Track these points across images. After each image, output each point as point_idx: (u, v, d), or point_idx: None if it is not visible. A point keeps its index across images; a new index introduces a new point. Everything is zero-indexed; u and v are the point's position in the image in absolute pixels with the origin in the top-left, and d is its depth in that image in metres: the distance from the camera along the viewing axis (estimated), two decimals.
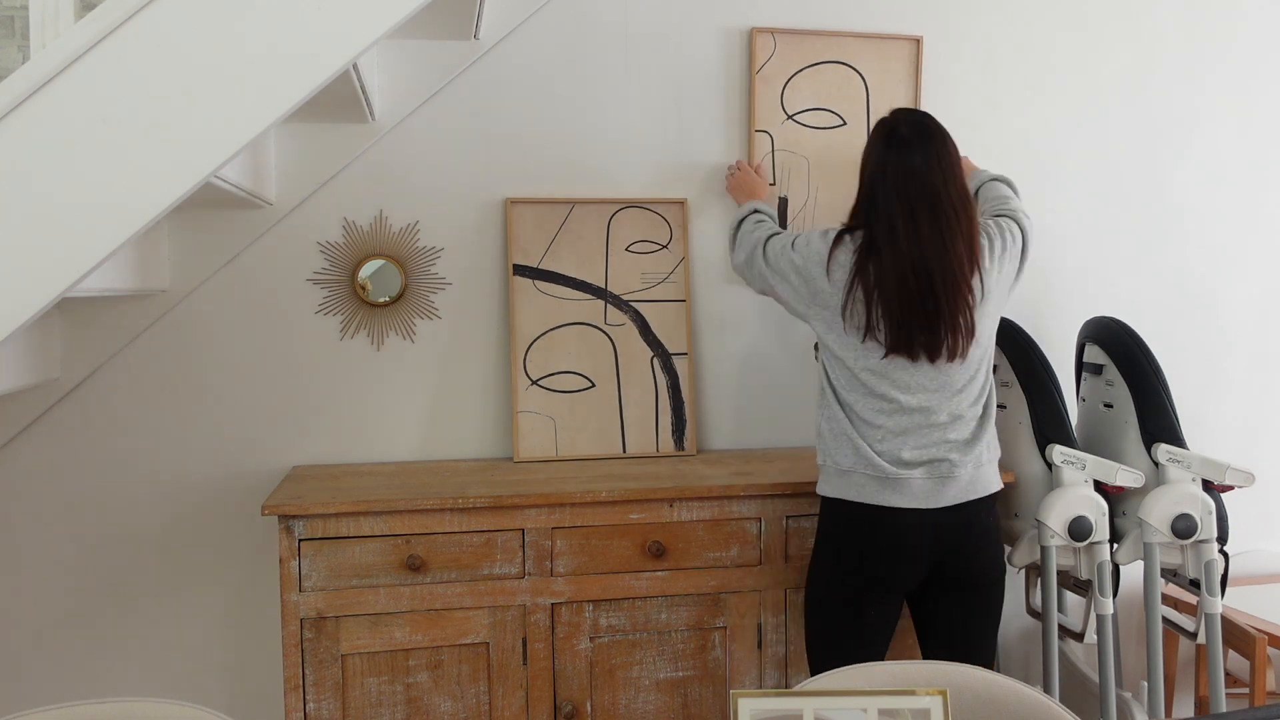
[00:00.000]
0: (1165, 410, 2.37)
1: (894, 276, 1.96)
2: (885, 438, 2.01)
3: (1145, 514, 2.31)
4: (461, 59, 2.53)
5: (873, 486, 2.02)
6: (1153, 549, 2.32)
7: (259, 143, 2.28)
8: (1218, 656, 2.32)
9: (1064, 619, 2.54)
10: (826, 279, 2.05)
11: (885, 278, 1.97)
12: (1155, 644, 2.34)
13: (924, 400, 2.01)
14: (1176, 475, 2.32)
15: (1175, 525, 2.29)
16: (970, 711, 1.45)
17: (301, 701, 2.08)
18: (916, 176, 1.99)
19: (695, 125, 2.68)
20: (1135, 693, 2.44)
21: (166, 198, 1.46)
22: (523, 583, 2.16)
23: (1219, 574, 2.33)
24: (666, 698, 2.24)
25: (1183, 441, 2.37)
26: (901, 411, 2.01)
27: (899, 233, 1.97)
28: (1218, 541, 2.33)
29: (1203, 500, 2.30)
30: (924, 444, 2.01)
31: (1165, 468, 2.33)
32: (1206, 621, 2.33)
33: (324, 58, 1.50)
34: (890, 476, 2.00)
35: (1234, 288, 3.05)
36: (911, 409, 2.01)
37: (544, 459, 2.53)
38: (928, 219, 1.97)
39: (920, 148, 2.01)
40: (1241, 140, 3.03)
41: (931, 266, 1.96)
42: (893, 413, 2.01)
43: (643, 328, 2.62)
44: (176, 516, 2.45)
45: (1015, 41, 2.85)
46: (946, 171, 2.01)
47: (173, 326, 2.43)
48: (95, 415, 2.40)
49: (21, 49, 3.20)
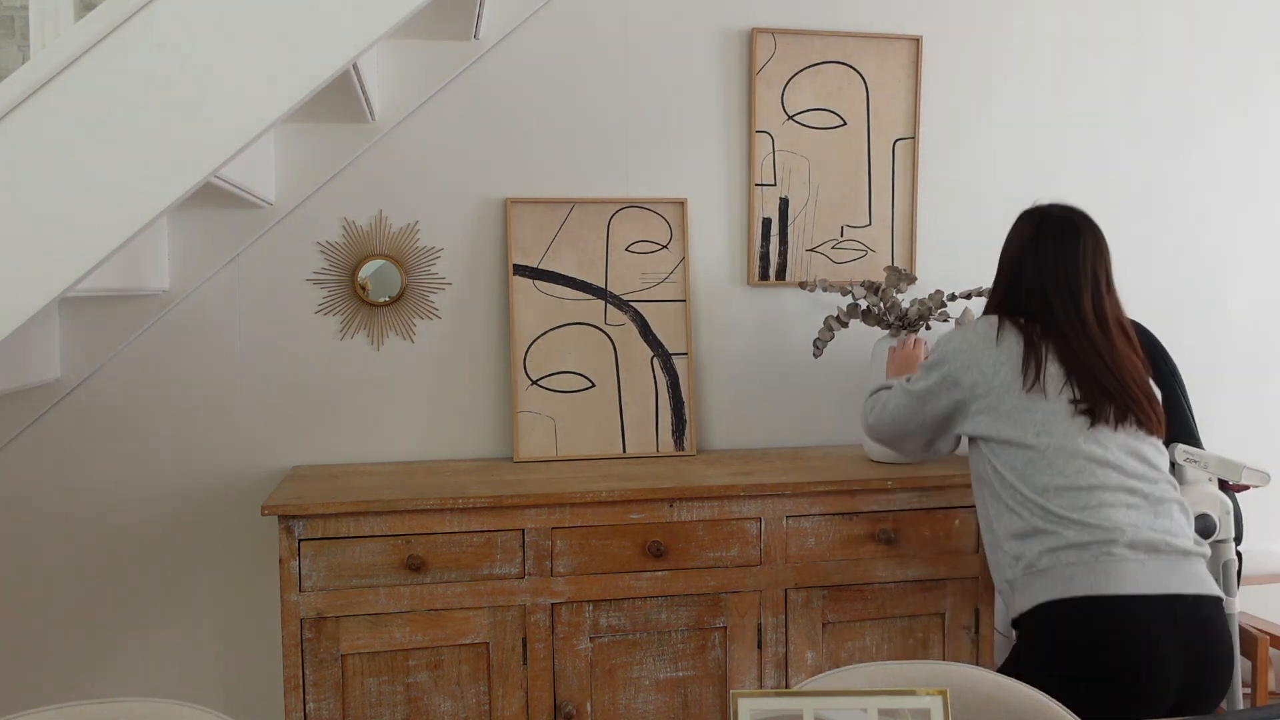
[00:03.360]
0: (1182, 410, 2.37)
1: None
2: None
3: None
4: (461, 59, 2.53)
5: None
6: None
7: (259, 143, 2.28)
8: (1236, 658, 2.32)
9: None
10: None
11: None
12: None
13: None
14: (1194, 475, 2.32)
15: (1194, 526, 2.29)
16: (970, 711, 1.45)
17: (301, 701, 2.08)
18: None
19: (695, 125, 2.68)
20: None
21: (166, 198, 1.46)
22: (523, 583, 2.16)
23: (1236, 574, 2.33)
24: (666, 698, 2.24)
25: (1199, 441, 2.36)
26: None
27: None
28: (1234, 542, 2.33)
29: (1221, 500, 2.30)
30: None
31: (1182, 468, 2.33)
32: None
33: (324, 58, 1.50)
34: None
35: (1234, 287, 3.05)
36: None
37: (544, 459, 2.53)
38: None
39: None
40: (1242, 140, 3.03)
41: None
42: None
43: (643, 328, 2.62)
44: (176, 516, 2.45)
45: (1015, 41, 2.85)
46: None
47: (173, 326, 2.43)
48: (95, 415, 2.40)
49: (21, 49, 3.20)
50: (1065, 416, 1.82)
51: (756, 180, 2.70)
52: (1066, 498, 1.79)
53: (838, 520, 2.30)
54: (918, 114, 2.77)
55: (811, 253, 2.74)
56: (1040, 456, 1.81)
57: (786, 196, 2.72)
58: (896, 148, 2.78)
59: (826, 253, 2.74)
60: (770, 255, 2.72)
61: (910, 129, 2.78)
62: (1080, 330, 1.87)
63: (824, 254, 2.74)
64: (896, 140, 2.77)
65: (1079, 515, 1.77)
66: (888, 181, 2.77)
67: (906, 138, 2.78)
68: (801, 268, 2.73)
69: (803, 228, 2.73)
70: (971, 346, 1.92)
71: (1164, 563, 1.76)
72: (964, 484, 2.34)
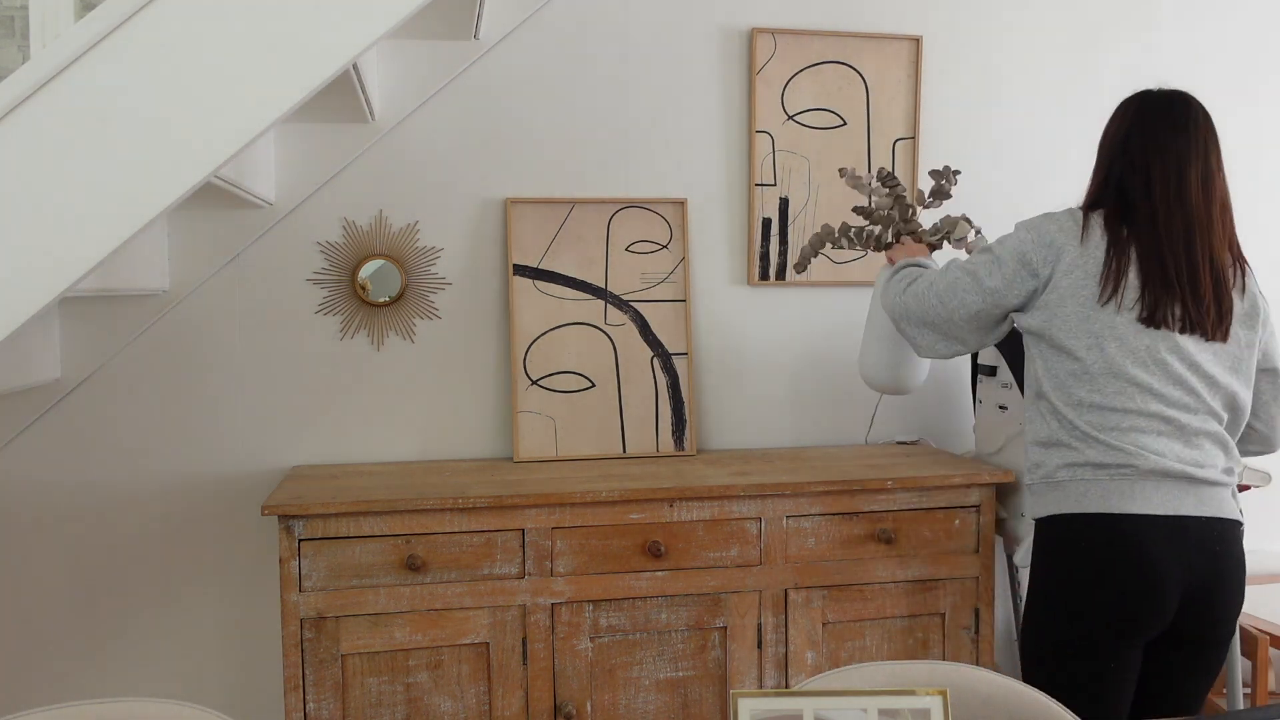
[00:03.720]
0: None
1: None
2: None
3: None
4: (461, 59, 2.53)
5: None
6: None
7: (259, 143, 2.28)
8: (1236, 657, 2.33)
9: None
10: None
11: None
12: None
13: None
14: None
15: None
16: (970, 711, 1.45)
17: (301, 701, 2.08)
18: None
19: (695, 125, 2.68)
20: None
21: (166, 198, 1.46)
22: (523, 583, 2.16)
23: None
24: (666, 698, 2.24)
25: None
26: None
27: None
28: None
29: None
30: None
31: None
32: None
33: (324, 58, 1.50)
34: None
35: None
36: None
37: (544, 459, 2.53)
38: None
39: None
40: (1243, 140, 3.03)
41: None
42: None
43: (643, 328, 2.62)
44: (176, 516, 2.45)
45: (1015, 41, 2.85)
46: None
47: (173, 326, 2.43)
48: (95, 415, 2.40)
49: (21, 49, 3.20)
50: (1126, 329, 1.76)
51: (756, 180, 2.70)
52: (1097, 415, 1.77)
53: (837, 520, 2.30)
54: (918, 114, 2.77)
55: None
56: (1084, 371, 1.78)
57: (786, 196, 2.72)
58: (896, 148, 2.78)
59: (826, 252, 2.74)
60: (770, 255, 2.72)
61: (910, 129, 2.78)
62: (1179, 210, 1.77)
63: (824, 254, 2.74)
64: (896, 140, 2.77)
65: (1104, 436, 1.76)
66: None
67: (906, 138, 2.78)
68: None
69: (803, 228, 2.73)
70: (1054, 239, 1.81)
71: (1181, 487, 1.76)
72: (964, 484, 2.34)
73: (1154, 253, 1.77)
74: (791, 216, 2.72)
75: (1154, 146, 1.83)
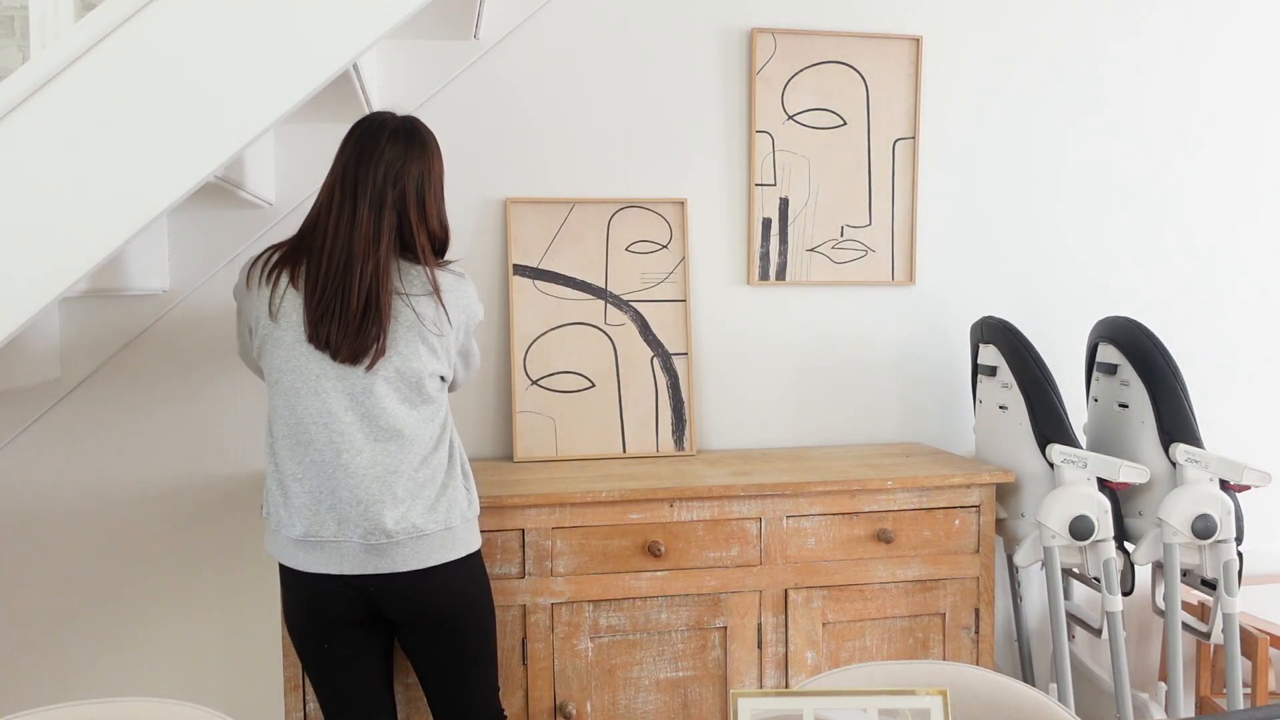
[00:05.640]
0: (1183, 410, 2.37)
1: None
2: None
3: (1165, 514, 2.32)
4: (461, 59, 2.53)
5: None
6: (1173, 549, 2.33)
7: (259, 143, 2.28)
8: (1235, 656, 2.32)
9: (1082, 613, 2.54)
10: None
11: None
12: (1175, 644, 2.34)
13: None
14: (1195, 475, 2.32)
15: (1195, 525, 2.30)
16: (970, 711, 1.45)
17: (301, 701, 2.08)
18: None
19: (695, 125, 2.68)
20: (1152, 693, 2.44)
21: (166, 198, 1.46)
22: (523, 583, 2.16)
23: (1236, 574, 2.33)
24: (666, 698, 2.24)
25: (1200, 441, 2.37)
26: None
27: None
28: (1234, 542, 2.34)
29: (1222, 500, 2.31)
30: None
31: (1184, 468, 2.33)
32: (1225, 622, 2.33)
33: (324, 58, 1.50)
34: None
35: (1237, 286, 3.05)
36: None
37: (544, 459, 2.53)
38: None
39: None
40: (1243, 139, 3.03)
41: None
42: None
43: (643, 328, 2.62)
44: (176, 516, 2.45)
45: (1015, 41, 2.85)
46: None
47: (173, 326, 2.43)
48: (95, 415, 2.40)
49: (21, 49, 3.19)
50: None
51: (756, 180, 2.70)
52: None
53: (837, 520, 2.30)
54: (918, 114, 2.77)
55: (811, 253, 2.74)
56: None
57: (786, 196, 2.72)
58: (896, 148, 2.78)
59: (826, 253, 2.74)
60: (770, 255, 2.72)
61: (910, 129, 2.78)
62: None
63: (824, 254, 2.74)
64: (896, 140, 2.77)
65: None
66: (888, 181, 2.77)
67: (906, 138, 2.78)
68: (801, 268, 2.73)
69: (803, 228, 2.73)
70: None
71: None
72: (964, 484, 2.34)
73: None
74: (791, 216, 2.72)
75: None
